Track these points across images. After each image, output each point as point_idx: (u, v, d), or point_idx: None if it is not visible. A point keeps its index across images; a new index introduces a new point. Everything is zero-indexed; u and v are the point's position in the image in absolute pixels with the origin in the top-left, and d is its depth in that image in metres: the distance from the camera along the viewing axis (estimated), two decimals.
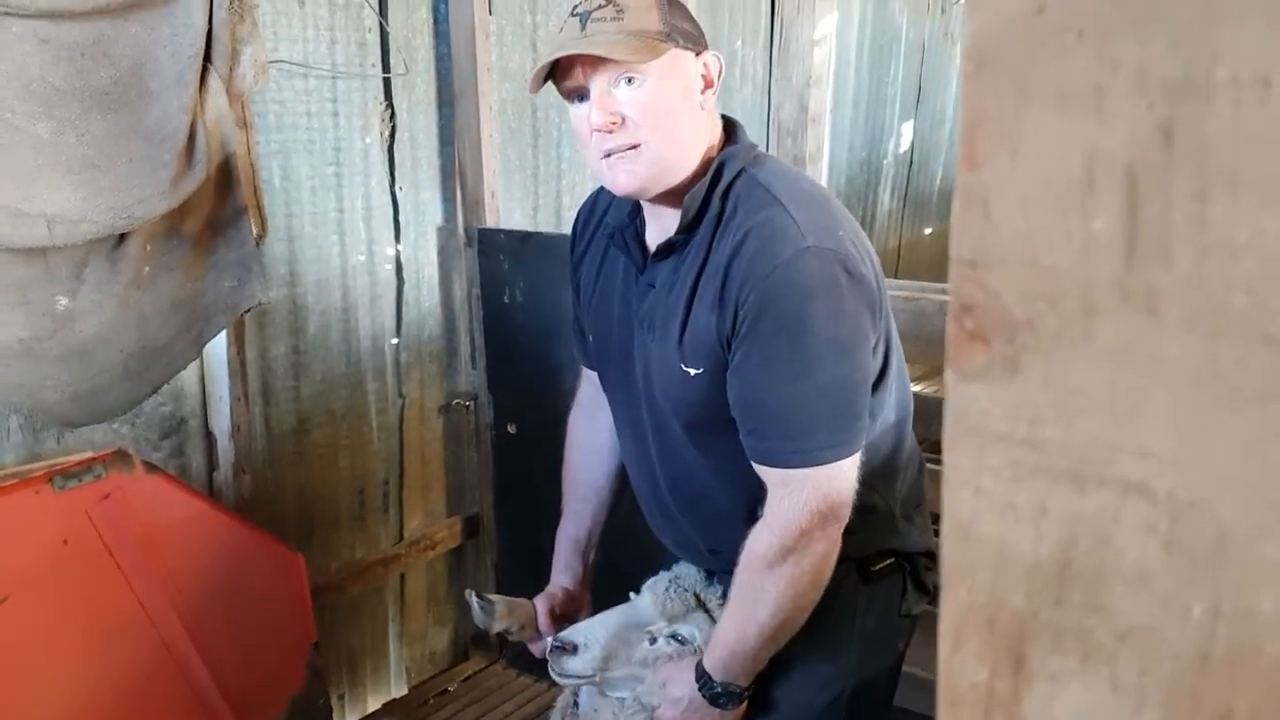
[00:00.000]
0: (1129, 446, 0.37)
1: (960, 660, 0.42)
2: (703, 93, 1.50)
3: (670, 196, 1.51)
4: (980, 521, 0.40)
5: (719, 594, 1.69)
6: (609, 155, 1.47)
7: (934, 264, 6.26)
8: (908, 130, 6.10)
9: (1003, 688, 0.41)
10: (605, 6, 1.42)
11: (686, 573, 1.73)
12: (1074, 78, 0.37)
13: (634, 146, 1.45)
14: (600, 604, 1.84)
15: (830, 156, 4.36)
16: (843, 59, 5.21)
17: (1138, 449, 0.37)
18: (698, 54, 1.49)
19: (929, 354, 2.59)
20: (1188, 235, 0.35)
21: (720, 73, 1.52)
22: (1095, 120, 0.37)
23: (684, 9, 1.51)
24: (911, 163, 6.21)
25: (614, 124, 1.44)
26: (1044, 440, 0.39)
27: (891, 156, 5.98)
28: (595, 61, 1.42)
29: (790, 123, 3.43)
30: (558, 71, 1.47)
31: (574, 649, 1.67)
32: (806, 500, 1.44)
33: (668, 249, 1.54)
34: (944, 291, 2.74)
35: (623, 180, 1.48)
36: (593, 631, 1.69)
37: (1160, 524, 0.37)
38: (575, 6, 1.45)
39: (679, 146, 1.48)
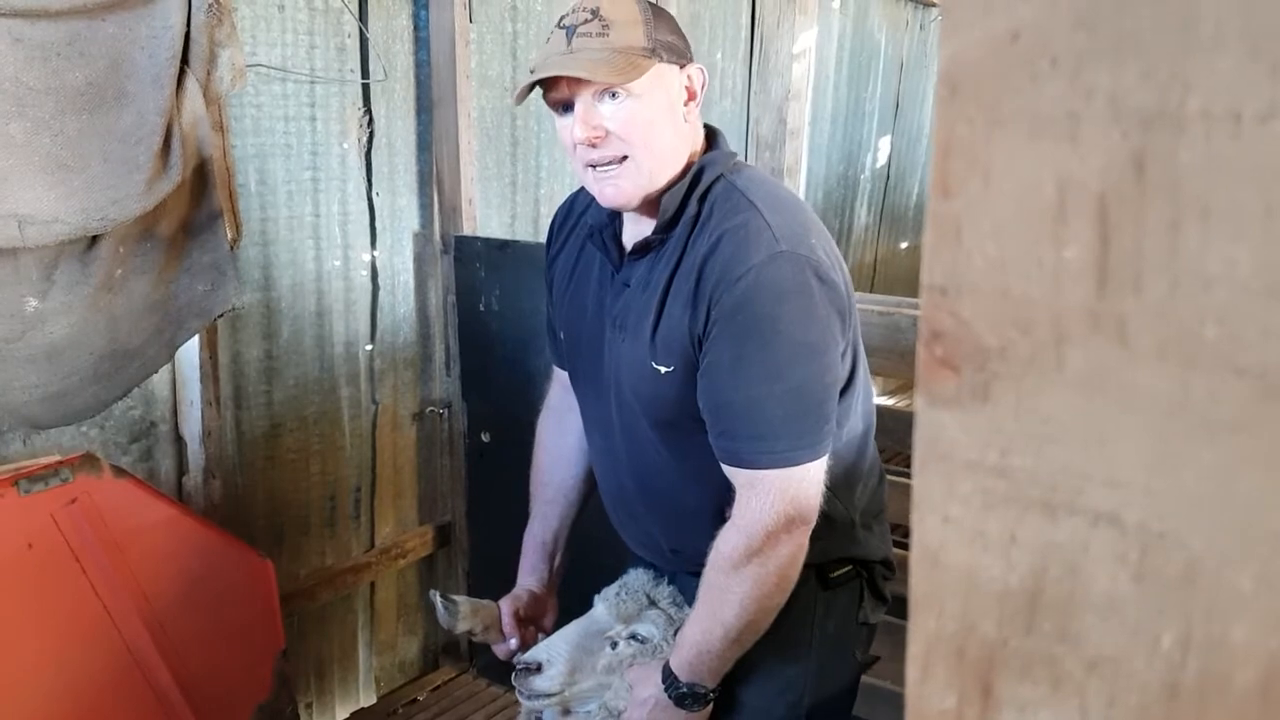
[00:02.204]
0: (1099, 476, 0.37)
1: (929, 688, 0.41)
2: (686, 105, 1.53)
3: (650, 204, 1.54)
4: (949, 549, 0.40)
5: (668, 592, 1.72)
6: (594, 167, 1.50)
7: (910, 278, 6.30)
8: (885, 145, 6.13)
9: (971, 716, 0.41)
10: (591, 21, 1.45)
11: (634, 577, 1.76)
12: (1047, 106, 0.37)
13: (618, 159, 1.48)
14: (567, 610, 1.84)
15: (808, 170, 4.37)
16: (822, 74, 5.24)
17: (1108, 479, 0.37)
18: (682, 67, 1.51)
19: (904, 368, 2.61)
20: (1159, 265, 0.35)
21: (704, 85, 1.55)
22: (1068, 148, 0.37)
23: (670, 20, 1.53)
24: (888, 178, 6.25)
25: (598, 138, 1.47)
26: (1014, 469, 0.38)
27: (869, 171, 6.01)
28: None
29: (769, 136, 3.44)
30: (544, 82, 1.49)
31: (538, 667, 1.67)
32: (774, 502, 1.45)
33: (644, 248, 1.56)
34: (919, 307, 2.75)
35: (609, 194, 1.51)
36: (554, 648, 1.70)
37: (1130, 554, 0.37)
38: (562, 19, 1.48)
39: (663, 159, 1.51)
